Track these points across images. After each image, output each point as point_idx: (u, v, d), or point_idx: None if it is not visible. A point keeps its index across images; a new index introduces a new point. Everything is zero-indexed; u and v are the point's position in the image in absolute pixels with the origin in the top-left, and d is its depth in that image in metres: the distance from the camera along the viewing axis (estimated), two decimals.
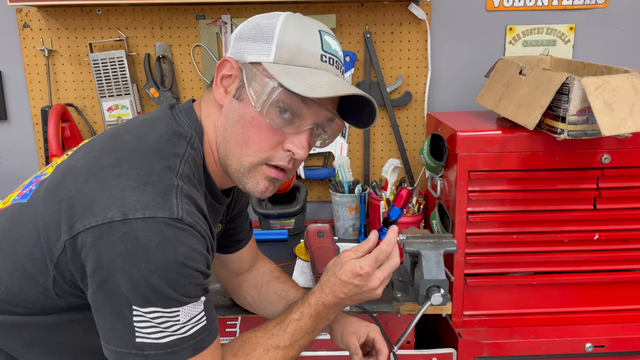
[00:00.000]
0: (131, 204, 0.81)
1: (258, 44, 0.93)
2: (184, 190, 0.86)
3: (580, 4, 1.84)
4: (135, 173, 0.84)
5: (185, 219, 0.83)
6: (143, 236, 0.79)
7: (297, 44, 0.92)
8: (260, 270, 1.32)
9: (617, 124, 1.20)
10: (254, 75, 0.91)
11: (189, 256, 0.83)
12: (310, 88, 0.88)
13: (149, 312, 0.81)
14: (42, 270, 0.86)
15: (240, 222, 1.26)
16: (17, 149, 1.94)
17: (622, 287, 1.48)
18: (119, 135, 0.93)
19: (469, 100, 1.80)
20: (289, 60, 0.92)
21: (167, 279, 0.80)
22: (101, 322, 0.84)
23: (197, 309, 0.85)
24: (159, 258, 0.80)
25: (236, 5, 1.80)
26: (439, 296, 1.25)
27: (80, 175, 0.86)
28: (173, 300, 0.82)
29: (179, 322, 0.83)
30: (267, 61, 0.91)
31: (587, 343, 1.43)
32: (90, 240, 0.80)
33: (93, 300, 0.83)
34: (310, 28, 0.94)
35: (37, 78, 1.87)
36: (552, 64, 1.73)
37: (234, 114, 0.94)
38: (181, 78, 1.89)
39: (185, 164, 0.90)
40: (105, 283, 0.80)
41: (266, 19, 0.95)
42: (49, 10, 1.81)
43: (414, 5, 1.81)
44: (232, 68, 0.95)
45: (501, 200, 1.42)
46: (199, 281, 0.86)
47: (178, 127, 0.95)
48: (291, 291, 1.27)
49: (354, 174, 1.95)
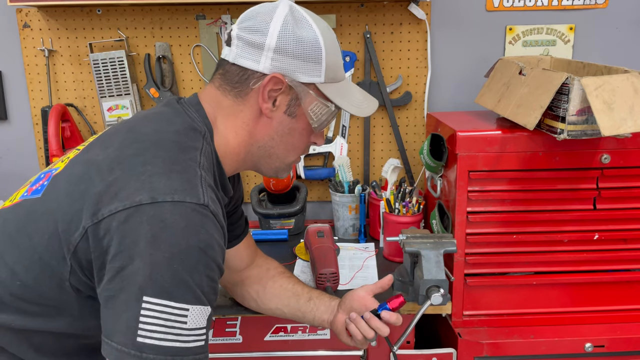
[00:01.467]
0: (160, 188, 0.83)
1: (308, 64, 0.98)
2: (207, 180, 0.90)
3: (580, 4, 1.84)
4: (160, 161, 0.87)
5: (211, 206, 0.86)
6: (170, 219, 0.81)
7: (336, 62, 1.02)
8: (264, 266, 1.33)
9: (617, 124, 1.20)
10: (309, 96, 1.00)
11: (209, 244, 0.85)
12: (358, 108, 1.05)
13: (159, 304, 0.80)
14: (60, 261, 0.87)
15: (236, 218, 1.27)
16: (17, 149, 1.94)
17: (622, 287, 1.48)
18: (136, 129, 0.96)
19: (469, 100, 1.80)
20: (333, 79, 1.02)
21: (187, 264, 0.81)
22: (108, 314, 0.83)
23: (202, 320, 0.85)
24: (183, 242, 0.81)
25: (236, 5, 1.80)
26: (438, 296, 1.25)
27: (103, 167, 0.88)
28: (187, 291, 0.82)
29: (185, 325, 0.83)
30: (319, 82, 1.00)
31: (587, 343, 1.43)
32: (116, 225, 0.81)
33: (106, 289, 0.83)
34: (334, 39, 1.03)
35: (37, 78, 1.87)
36: (552, 64, 1.73)
37: (285, 127, 1.03)
38: (181, 78, 1.89)
39: (204, 157, 0.94)
40: (124, 268, 0.81)
41: (300, 29, 0.97)
42: (49, 10, 1.81)
43: (414, 5, 1.81)
44: (281, 83, 0.98)
45: (501, 200, 1.42)
46: (214, 275, 0.86)
47: (192, 123, 0.97)
48: (297, 286, 1.29)
49: (354, 174, 1.95)
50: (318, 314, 1.24)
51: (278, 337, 1.46)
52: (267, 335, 1.46)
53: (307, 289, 1.28)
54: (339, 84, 1.04)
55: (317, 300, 1.26)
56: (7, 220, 0.95)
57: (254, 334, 1.46)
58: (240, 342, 1.46)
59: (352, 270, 1.58)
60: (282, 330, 1.46)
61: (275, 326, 1.45)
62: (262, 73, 0.97)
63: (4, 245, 0.92)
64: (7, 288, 0.91)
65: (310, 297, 1.27)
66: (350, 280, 1.52)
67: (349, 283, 1.50)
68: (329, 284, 1.42)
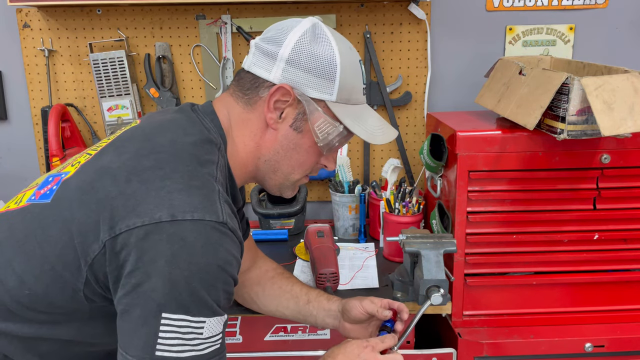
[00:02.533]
0: (180, 205, 0.82)
1: (320, 80, 0.97)
2: (223, 195, 0.90)
3: (580, 4, 1.84)
4: (179, 176, 0.86)
5: (229, 224, 0.86)
6: (190, 237, 0.81)
7: (352, 84, 1.00)
8: (263, 268, 1.33)
9: (617, 124, 1.20)
10: (317, 113, 0.98)
11: (227, 261, 0.85)
12: (371, 134, 1.01)
13: (178, 319, 0.81)
14: (74, 272, 0.86)
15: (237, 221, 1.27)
16: (17, 149, 1.94)
17: (622, 287, 1.48)
18: (152, 138, 0.94)
19: (469, 100, 1.80)
20: (347, 100, 1.00)
21: (205, 281, 0.82)
22: (125, 327, 0.83)
23: (219, 327, 0.86)
24: (202, 260, 0.81)
25: (236, 5, 1.80)
26: (438, 296, 1.25)
27: (120, 176, 0.86)
28: (205, 307, 0.83)
29: (202, 336, 0.83)
30: (329, 100, 0.98)
31: (587, 343, 1.43)
32: (134, 241, 0.81)
33: (122, 303, 0.83)
34: (356, 61, 1.02)
35: (37, 78, 1.87)
36: (552, 64, 1.73)
37: (291, 142, 1.01)
38: (181, 78, 1.89)
39: (219, 171, 0.94)
40: (140, 285, 0.80)
41: (317, 44, 0.96)
42: (49, 10, 1.81)
43: (414, 5, 1.81)
44: (289, 95, 0.97)
45: (501, 200, 1.42)
46: (230, 289, 0.87)
47: (208, 134, 0.97)
48: (295, 286, 1.29)
49: (354, 174, 1.95)
50: (319, 318, 1.24)
51: (278, 337, 1.46)
52: (267, 335, 1.46)
53: (305, 290, 1.28)
54: (354, 106, 1.02)
55: (315, 302, 1.25)
56: (15, 225, 0.92)
57: (254, 334, 1.46)
58: (240, 342, 1.46)
59: (352, 270, 1.58)
60: (282, 330, 1.46)
61: (275, 326, 1.46)
62: (272, 82, 0.97)
63: (12, 252, 0.90)
64: (14, 296, 0.89)
65: (308, 299, 1.26)
66: (350, 280, 1.52)
67: (349, 283, 1.50)
68: (329, 284, 1.42)
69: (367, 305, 1.17)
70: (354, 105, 1.02)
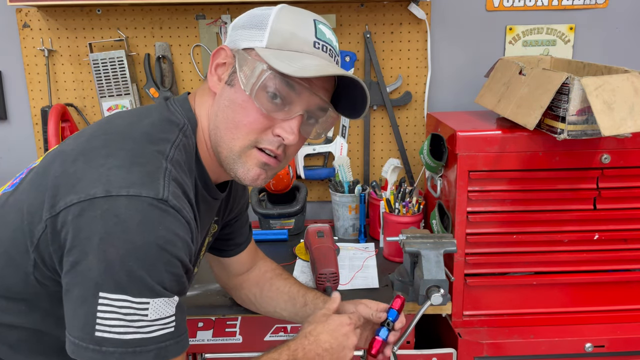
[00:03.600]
0: (116, 181, 0.79)
1: (252, 30, 0.93)
2: (172, 173, 0.85)
3: (580, 4, 1.84)
4: (123, 153, 0.83)
5: (171, 201, 0.81)
6: (124, 214, 0.77)
7: (290, 30, 0.92)
8: (262, 268, 1.33)
9: (617, 124, 1.20)
10: (245, 60, 0.92)
11: (169, 240, 0.80)
12: (299, 69, 0.87)
13: (117, 299, 0.77)
14: (23, 254, 0.85)
15: (239, 225, 1.25)
16: (17, 149, 1.93)
17: (622, 287, 1.48)
18: (110, 121, 0.94)
19: (469, 100, 1.80)
20: (281, 45, 0.91)
21: (143, 261, 0.77)
22: (67, 307, 0.81)
23: (168, 309, 0.82)
24: (138, 238, 0.77)
25: (236, 5, 1.80)
26: (439, 296, 1.25)
27: (68, 157, 0.85)
28: (145, 288, 0.78)
29: (147, 317, 0.79)
30: (259, 46, 0.91)
31: (587, 343, 1.43)
32: (71, 218, 0.78)
33: (64, 283, 0.80)
34: (304, 16, 0.95)
35: (37, 78, 1.87)
36: (552, 64, 1.73)
37: (225, 99, 0.93)
38: (181, 78, 1.89)
39: (176, 150, 0.89)
40: (77, 264, 0.78)
41: (263, 9, 0.95)
42: (49, 10, 1.81)
43: (414, 5, 1.81)
44: (227, 56, 0.95)
45: (501, 200, 1.42)
46: (177, 271, 0.82)
47: (170, 115, 0.94)
48: (293, 287, 1.28)
49: (354, 174, 1.95)
50: None
51: (278, 337, 1.46)
52: (267, 335, 1.46)
53: (302, 292, 1.26)
54: (291, 52, 0.91)
55: (312, 305, 1.24)
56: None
57: (254, 334, 1.46)
58: (240, 342, 1.46)
59: (352, 270, 1.58)
60: (282, 330, 1.46)
61: (275, 326, 1.45)
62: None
63: None
64: None
65: (305, 301, 1.25)
66: (350, 280, 1.52)
67: (349, 283, 1.50)
68: (329, 284, 1.42)
69: (362, 310, 1.16)
70: (292, 51, 0.91)
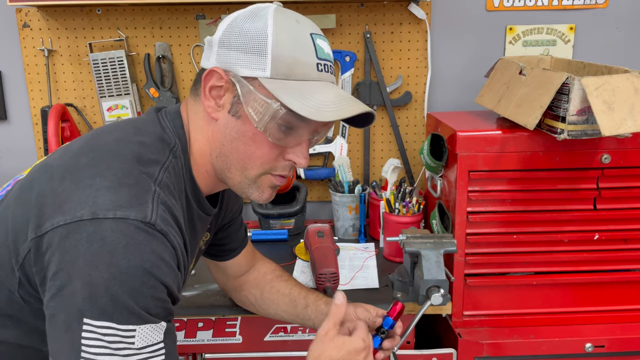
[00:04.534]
0: (103, 203, 0.77)
1: (250, 56, 0.87)
2: (162, 197, 0.83)
3: (580, 4, 1.84)
4: (112, 173, 0.81)
5: (158, 225, 0.79)
6: (110, 237, 0.75)
7: (292, 55, 0.87)
8: (262, 270, 1.32)
9: (617, 124, 1.20)
10: (250, 93, 0.87)
11: (155, 264, 0.77)
12: (316, 111, 0.85)
13: (101, 326, 0.74)
14: (8, 272, 0.83)
15: (233, 230, 1.23)
16: (17, 149, 1.93)
17: (622, 287, 1.48)
18: (99, 136, 0.90)
19: (469, 100, 1.80)
20: (286, 75, 0.87)
21: (128, 286, 0.75)
22: (50, 333, 0.78)
23: (156, 336, 0.79)
24: (123, 262, 0.75)
25: (236, 5, 1.80)
26: (439, 296, 1.25)
27: (56, 174, 0.83)
28: (131, 314, 0.75)
29: (133, 345, 0.76)
30: (263, 76, 0.87)
31: (587, 343, 1.43)
32: (57, 240, 0.76)
33: (49, 307, 0.78)
34: (302, 33, 0.89)
35: (37, 78, 1.87)
36: (552, 64, 1.73)
37: (232, 130, 0.90)
38: (181, 78, 1.88)
39: (165, 173, 0.87)
40: (62, 288, 0.75)
41: (251, 21, 0.88)
42: (48, 10, 1.81)
43: (414, 5, 1.81)
44: (221, 79, 0.89)
45: (501, 200, 1.41)
46: (162, 296, 0.79)
47: (162, 133, 0.91)
48: (294, 289, 1.27)
49: (354, 174, 1.95)
50: (317, 322, 1.23)
51: (278, 337, 1.46)
52: (267, 335, 1.46)
53: (303, 294, 1.26)
54: (298, 82, 0.88)
55: (313, 307, 1.23)
56: None
57: (254, 334, 1.46)
58: (240, 342, 1.46)
59: (352, 270, 1.58)
60: (282, 330, 1.46)
61: (275, 326, 1.45)
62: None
63: None
64: None
65: (306, 303, 1.24)
66: (350, 280, 1.52)
67: (349, 283, 1.50)
68: (329, 284, 1.42)
69: (360, 313, 1.15)
70: (299, 81, 0.88)
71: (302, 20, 0.91)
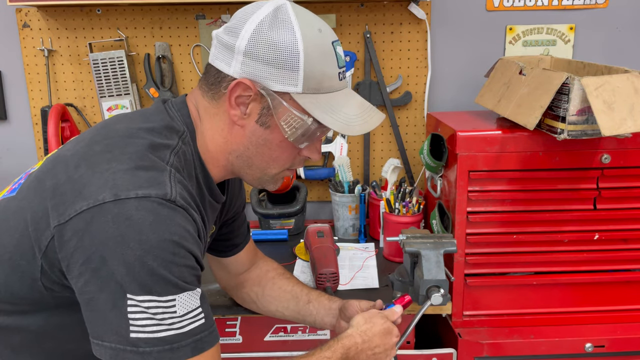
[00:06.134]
0: (123, 184, 0.80)
1: (282, 71, 0.89)
2: (177, 177, 0.87)
3: (580, 4, 1.84)
4: (127, 157, 0.84)
5: (179, 201, 0.83)
6: (136, 215, 0.78)
7: (321, 70, 0.91)
8: (264, 268, 1.33)
9: (617, 124, 1.20)
10: (282, 106, 0.91)
11: (182, 236, 0.81)
12: (346, 125, 0.92)
13: (144, 300, 0.78)
14: (30, 260, 0.85)
15: (236, 226, 1.25)
16: (17, 149, 1.93)
17: (622, 287, 1.48)
18: (109, 125, 0.94)
19: (469, 100, 1.80)
20: (316, 89, 0.92)
21: (162, 259, 0.79)
22: (93, 316, 0.81)
23: (194, 302, 0.83)
24: (153, 237, 0.78)
25: (236, 5, 1.80)
26: (439, 296, 1.25)
27: (70, 163, 0.86)
28: (169, 284, 0.79)
29: (176, 314, 0.80)
30: (295, 92, 0.90)
31: (587, 343, 1.43)
32: (82, 226, 0.79)
33: (85, 292, 0.80)
34: (327, 46, 0.92)
35: (37, 78, 1.87)
36: (552, 64, 1.73)
37: (259, 138, 0.95)
38: (181, 78, 1.88)
39: (175, 157, 0.90)
40: (98, 270, 0.78)
41: (277, 31, 0.89)
42: (48, 10, 1.81)
43: (414, 5, 1.81)
44: (250, 90, 0.91)
45: (501, 200, 1.41)
46: (193, 264, 0.84)
47: (170, 121, 0.94)
48: (296, 286, 1.28)
49: (354, 174, 1.95)
50: (319, 317, 1.24)
51: (278, 337, 1.46)
52: (267, 335, 1.46)
53: (305, 291, 1.28)
54: (326, 95, 0.93)
55: (315, 302, 1.25)
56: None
57: (254, 334, 1.46)
58: (240, 342, 1.46)
59: (352, 270, 1.58)
60: (282, 330, 1.46)
61: (275, 326, 1.45)
62: (232, 77, 0.91)
63: None
64: None
65: (309, 299, 1.26)
66: (350, 280, 1.52)
67: (349, 283, 1.50)
68: (329, 284, 1.42)
69: (364, 306, 1.17)
70: (326, 94, 0.93)
71: (323, 27, 0.95)
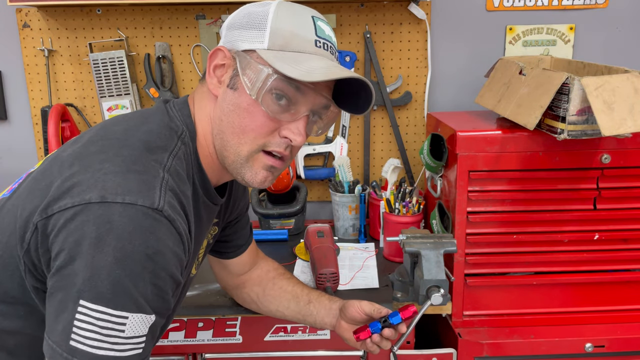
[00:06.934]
0: (112, 187, 0.78)
1: (251, 31, 0.91)
2: (170, 184, 0.84)
3: (580, 4, 1.84)
4: (120, 160, 0.83)
5: (166, 211, 0.80)
6: (118, 221, 0.76)
7: (291, 30, 0.90)
8: (265, 268, 1.33)
9: (617, 124, 1.20)
10: (247, 63, 0.90)
11: (158, 251, 0.79)
12: (306, 73, 0.86)
13: (96, 310, 0.75)
14: (17, 259, 0.84)
15: (239, 227, 1.25)
16: (17, 149, 1.93)
17: (622, 287, 1.48)
18: (108, 126, 0.93)
19: (469, 100, 1.80)
20: (283, 46, 0.90)
21: (130, 270, 0.76)
22: (49, 311, 0.79)
23: (143, 328, 0.80)
24: (129, 247, 0.76)
25: (236, 5, 1.80)
26: (439, 296, 1.25)
27: (65, 162, 0.85)
28: (129, 299, 0.77)
29: (122, 334, 0.77)
30: (260, 48, 0.90)
31: (587, 343, 1.43)
32: (62, 222, 0.78)
33: (49, 285, 0.79)
34: (303, 14, 0.93)
35: (37, 78, 1.87)
36: (552, 64, 1.73)
37: (229, 103, 0.92)
38: (181, 78, 1.88)
39: (175, 159, 0.88)
40: (64, 268, 0.77)
41: (258, 6, 0.93)
42: (48, 10, 1.81)
43: (414, 5, 1.81)
44: (225, 57, 0.92)
45: (501, 200, 1.41)
46: (162, 284, 0.81)
47: (170, 122, 0.93)
48: (297, 286, 1.28)
49: (354, 174, 1.95)
50: (319, 317, 1.24)
51: (278, 337, 1.46)
52: (267, 335, 1.46)
53: (306, 291, 1.28)
54: (294, 53, 0.90)
55: (316, 302, 1.25)
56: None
57: (254, 334, 1.46)
58: (240, 342, 1.46)
59: (352, 270, 1.58)
60: (282, 330, 1.46)
61: (275, 326, 1.45)
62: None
63: None
64: None
65: (309, 299, 1.26)
66: (350, 280, 1.52)
67: (349, 283, 1.50)
68: (329, 284, 1.42)
69: (365, 306, 1.16)
70: (294, 52, 0.90)
71: (307, 7, 0.95)
